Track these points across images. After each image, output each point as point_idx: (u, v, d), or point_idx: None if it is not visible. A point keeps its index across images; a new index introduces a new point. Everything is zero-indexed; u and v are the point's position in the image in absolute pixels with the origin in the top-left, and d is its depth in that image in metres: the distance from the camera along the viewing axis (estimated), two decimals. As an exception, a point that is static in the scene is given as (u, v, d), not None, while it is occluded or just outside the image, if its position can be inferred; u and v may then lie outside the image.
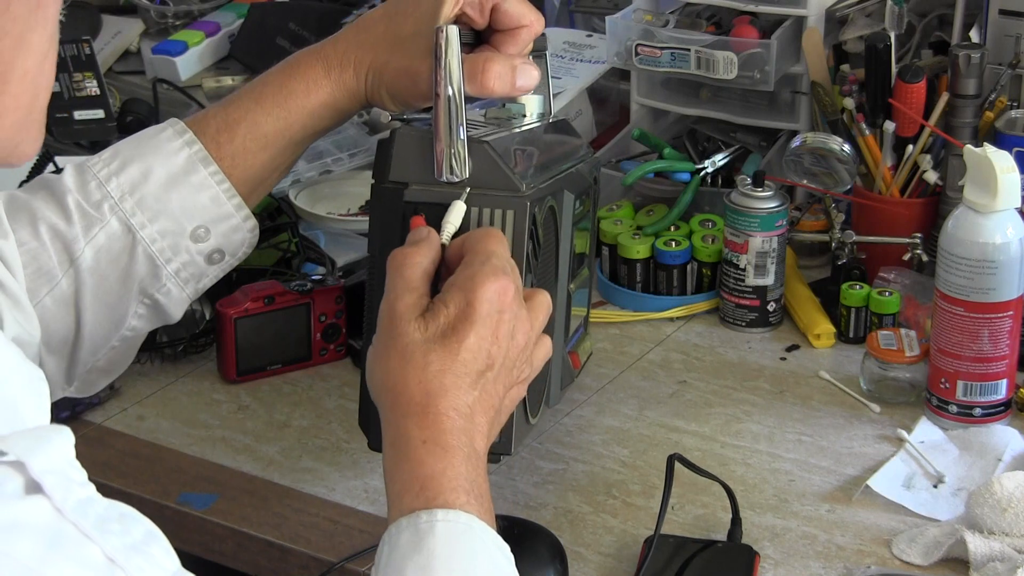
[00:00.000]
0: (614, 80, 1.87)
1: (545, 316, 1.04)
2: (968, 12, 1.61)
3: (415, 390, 0.95)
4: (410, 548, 0.88)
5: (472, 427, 0.95)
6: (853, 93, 1.57)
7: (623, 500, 1.27)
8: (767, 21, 1.67)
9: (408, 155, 1.08)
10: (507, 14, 1.16)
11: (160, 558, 0.69)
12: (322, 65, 1.17)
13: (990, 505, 1.17)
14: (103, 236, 1.14)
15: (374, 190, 1.11)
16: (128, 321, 1.17)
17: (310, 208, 1.68)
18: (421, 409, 0.94)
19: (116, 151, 1.16)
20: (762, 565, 1.18)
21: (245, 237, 1.19)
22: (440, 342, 0.96)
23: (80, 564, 0.65)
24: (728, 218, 1.52)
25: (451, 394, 0.95)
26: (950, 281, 1.31)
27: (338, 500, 1.28)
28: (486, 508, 0.94)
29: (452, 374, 0.95)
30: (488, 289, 0.96)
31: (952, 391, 1.34)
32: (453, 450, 0.93)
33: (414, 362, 0.95)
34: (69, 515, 0.65)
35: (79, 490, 0.67)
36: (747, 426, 1.37)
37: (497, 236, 1.02)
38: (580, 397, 1.41)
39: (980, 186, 1.29)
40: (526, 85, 1.14)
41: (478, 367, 0.96)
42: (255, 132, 1.17)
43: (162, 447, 1.36)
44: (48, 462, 0.66)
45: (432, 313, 0.97)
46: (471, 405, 0.95)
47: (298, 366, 1.48)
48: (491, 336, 0.96)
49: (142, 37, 2.26)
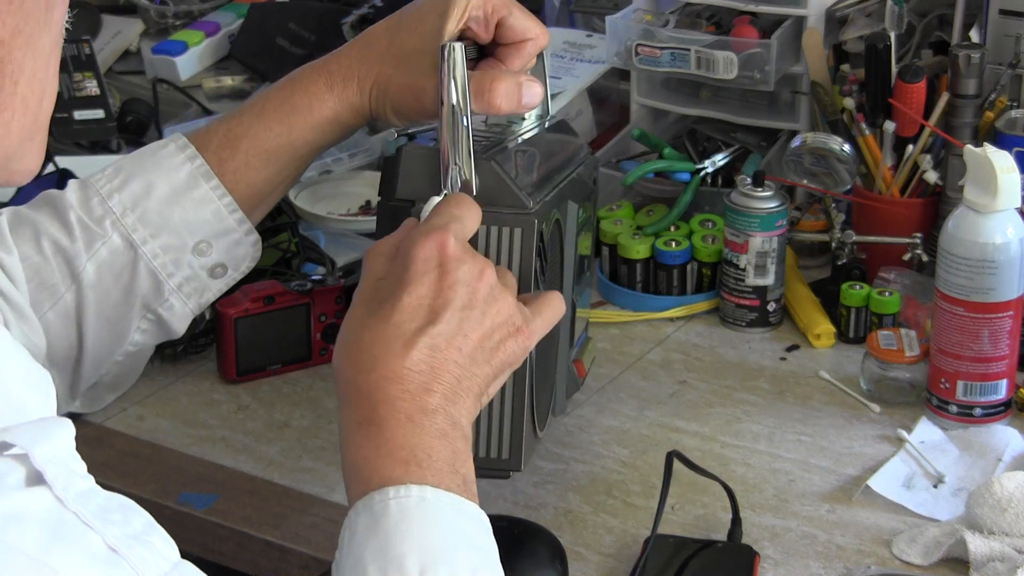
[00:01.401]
0: (614, 80, 1.87)
1: (550, 314, 1.03)
2: (968, 12, 1.62)
3: (348, 370, 0.93)
4: (367, 532, 0.87)
5: (415, 387, 0.91)
6: (853, 93, 1.57)
7: (623, 500, 1.27)
8: (767, 21, 1.67)
9: (415, 172, 1.08)
10: (512, 28, 1.16)
11: (161, 548, 0.69)
12: (325, 80, 1.17)
13: (990, 505, 1.17)
14: (105, 251, 1.14)
15: (380, 207, 1.10)
16: (131, 336, 1.17)
17: (310, 208, 1.68)
18: (354, 389, 0.92)
19: (119, 167, 1.17)
20: (762, 565, 1.18)
21: (248, 251, 1.19)
22: (375, 313, 0.93)
23: (82, 553, 0.65)
24: (728, 218, 1.52)
25: (381, 363, 0.91)
26: (950, 281, 1.31)
27: (338, 500, 1.28)
28: (438, 468, 0.90)
29: (382, 341, 0.92)
30: (422, 248, 0.94)
31: (952, 391, 1.34)
32: (384, 422, 0.90)
33: (348, 342, 0.94)
34: (70, 505, 0.66)
35: (80, 481, 0.67)
36: (747, 426, 1.37)
37: (443, 202, 1.01)
38: (580, 397, 1.41)
39: (980, 186, 1.29)
40: (531, 103, 1.13)
41: (416, 324, 0.92)
42: (257, 147, 1.17)
43: (162, 447, 1.36)
44: (51, 451, 0.67)
45: (375, 290, 0.95)
46: (412, 365, 0.91)
47: (298, 366, 1.48)
48: (431, 291, 0.93)
49: (142, 37, 2.26)
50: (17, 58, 0.75)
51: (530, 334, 0.99)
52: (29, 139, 0.77)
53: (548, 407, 1.19)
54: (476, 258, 0.97)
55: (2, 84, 0.74)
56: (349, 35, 2.01)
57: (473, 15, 1.15)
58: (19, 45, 0.75)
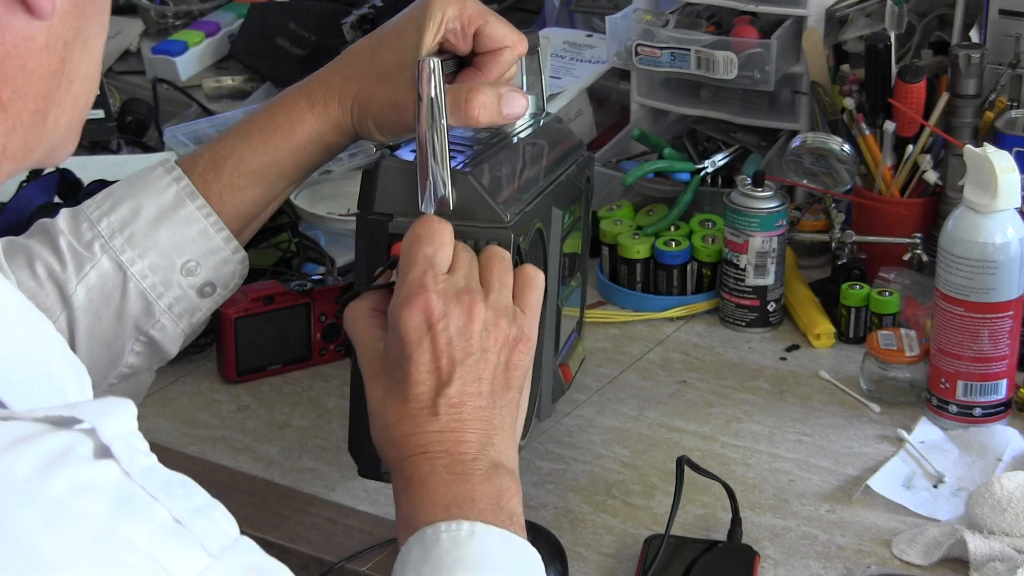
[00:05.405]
0: (614, 80, 1.87)
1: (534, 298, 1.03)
2: (968, 12, 1.62)
3: (387, 449, 0.97)
4: (419, 561, 0.90)
5: (450, 445, 0.95)
6: (853, 93, 1.57)
7: (623, 500, 1.27)
8: (767, 21, 1.67)
9: (393, 187, 1.08)
10: (490, 36, 1.17)
11: (223, 522, 0.71)
12: (306, 100, 1.18)
13: (990, 505, 1.17)
14: (95, 275, 1.15)
15: (359, 221, 1.10)
16: (125, 359, 1.18)
17: (310, 208, 1.68)
18: (396, 461, 0.96)
19: (109, 193, 1.18)
20: (762, 565, 1.18)
21: (236, 269, 1.20)
22: (392, 393, 0.97)
23: (150, 523, 0.67)
24: (728, 218, 1.52)
25: (413, 437, 0.96)
26: (950, 281, 1.31)
27: (338, 500, 1.28)
28: (481, 508, 0.93)
29: (409, 418, 0.96)
30: (408, 320, 0.96)
31: (952, 391, 1.34)
32: (426, 479, 0.94)
33: (378, 425, 0.98)
34: (136, 478, 0.68)
35: (143, 458, 0.69)
36: (747, 426, 1.37)
37: (411, 237, 1.00)
38: (580, 397, 1.41)
39: (980, 186, 1.29)
40: (513, 113, 1.13)
41: (431, 391, 0.96)
42: (241, 168, 1.17)
43: (162, 447, 1.36)
44: (117, 428, 0.69)
45: (383, 364, 0.98)
46: (441, 428, 0.96)
47: (298, 366, 1.48)
48: (432, 356, 0.96)
49: (142, 37, 2.26)
50: (75, 58, 0.77)
51: (528, 337, 1.01)
52: (71, 131, 0.81)
53: (532, 412, 1.18)
54: (460, 299, 0.98)
55: (59, 83, 0.77)
56: (349, 35, 2.01)
57: (450, 27, 1.15)
58: (78, 47, 0.77)
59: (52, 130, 0.78)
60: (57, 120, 0.78)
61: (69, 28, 0.76)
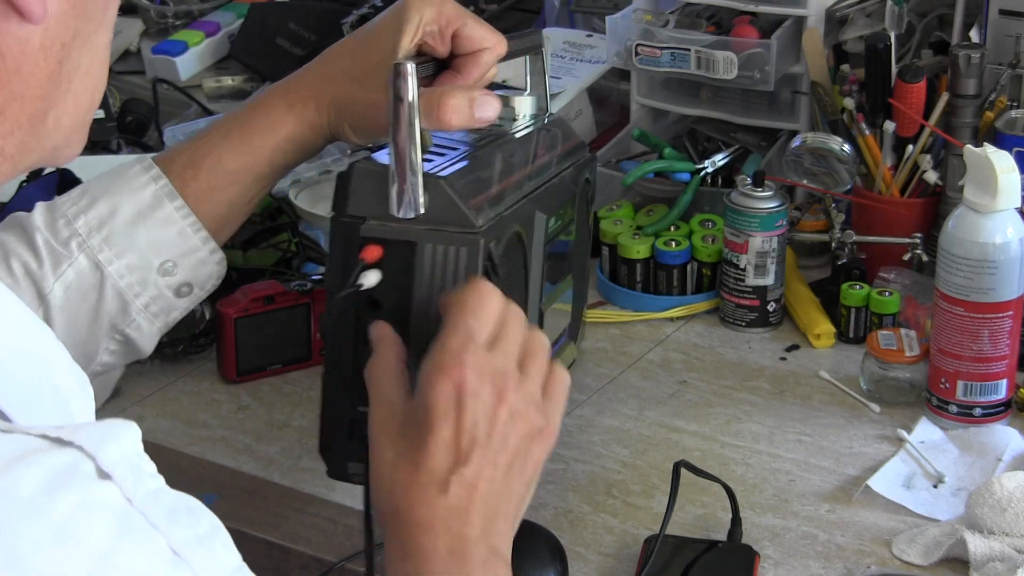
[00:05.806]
0: (614, 80, 1.87)
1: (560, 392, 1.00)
2: (968, 12, 1.62)
3: (388, 510, 0.94)
4: None
5: (454, 523, 0.93)
6: (853, 93, 1.57)
7: (623, 500, 1.27)
8: (767, 21, 1.67)
9: (365, 190, 1.07)
10: (468, 38, 1.16)
11: (223, 554, 0.70)
12: (284, 101, 1.18)
13: (990, 505, 1.17)
14: (72, 273, 1.15)
15: (332, 223, 1.09)
16: (99, 357, 1.18)
17: (310, 208, 1.68)
18: (395, 524, 0.94)
19: (85, 189, 1.17)
20: (762, 565, 1.18)
21: (213, 270, 1.20)
22: (404, 457, 0.94)
23: (146, 553, 0.66)
24: (728, 218, 1.52)
25: (418, 507, 0.93)
26: (950, 281, 1.31)
27: (338, 500, 1.28)
28: None
29: (418, 487, 0.93)
30: (440, 391, 0.93)
31: (952, 391, 1.34)
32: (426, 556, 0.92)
33: (384, 485, 0.95)
34: (138, 505, 0.67)
35: (149, 481, 0.68)
36: (747, 426, 1.37)
37: (458, 303, 0.97)
38: (580, 397, 1.41)
39: (980, 186, 1.29)
40: (486, 116, 1.11)
41: (446, 466, 0.93)
42: (219, 169, 1.17)
43: (162, 447, 1.36)
44: (119, 453, 0.67)
45: (399, 426, 0.95)
46: (449, 503, 0.93)
47: (298, 366, 1.48)
48: (454, 432, 0.93)
49: (142, 37, 2.26)
50: (74, 57, 0.76)
51: (551, 431, 0.98)
52: (76, 131, 0.80)
53: None
54: (494, 381, 0.94)
55: (58, 84, 0.76)
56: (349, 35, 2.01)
57: (428, 29, 1.15)
58: (77, 46, 0.76)
59: (53, 131, 0.78)
60: (58, 121, 0.78)
61: (67, 29, 0.75)
